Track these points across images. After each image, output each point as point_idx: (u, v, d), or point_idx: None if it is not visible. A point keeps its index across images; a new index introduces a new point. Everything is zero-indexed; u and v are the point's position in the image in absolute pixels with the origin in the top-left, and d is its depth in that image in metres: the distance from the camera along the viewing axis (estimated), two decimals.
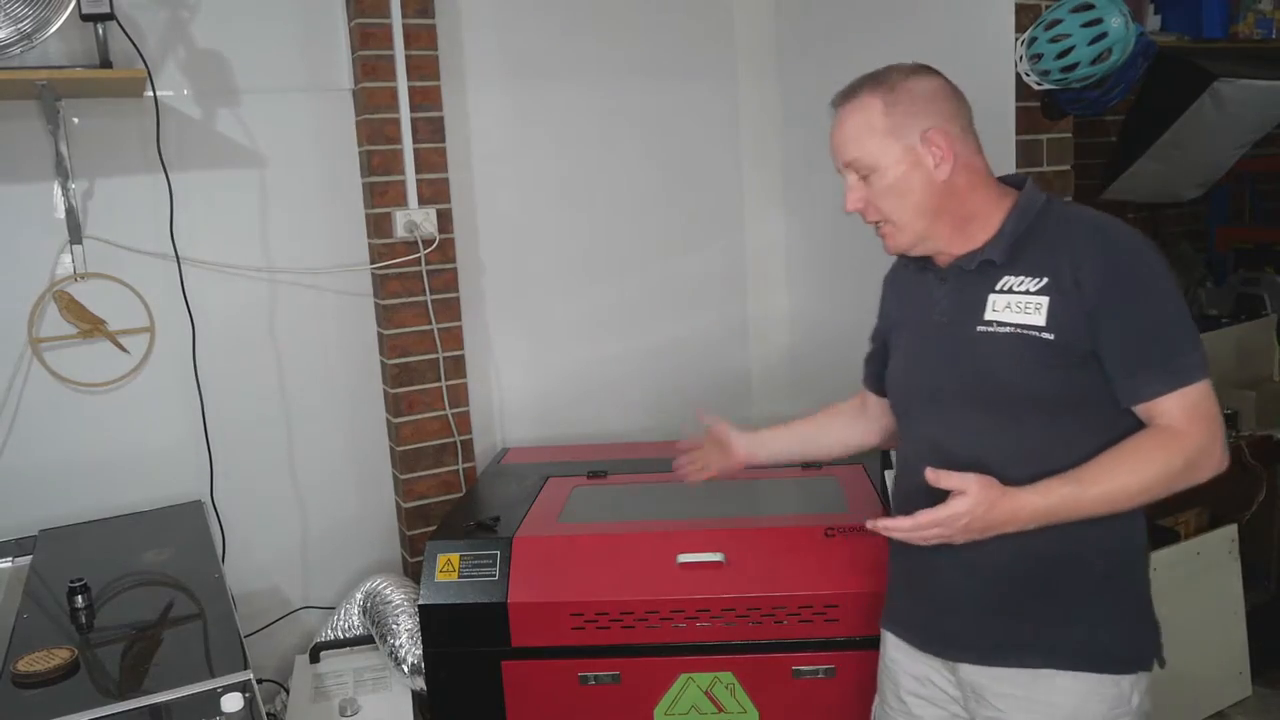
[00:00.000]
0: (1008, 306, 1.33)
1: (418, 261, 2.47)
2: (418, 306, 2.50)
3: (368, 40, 2.37)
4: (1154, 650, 1.39)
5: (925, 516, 1.27)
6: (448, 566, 1.94)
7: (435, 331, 2.52)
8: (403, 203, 2.45)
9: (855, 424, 1.71)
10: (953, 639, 1.43)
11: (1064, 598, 1.35)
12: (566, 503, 2.18)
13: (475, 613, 1.90)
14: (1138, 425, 1.30)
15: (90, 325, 2.22)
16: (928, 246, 1.41)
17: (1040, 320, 1.30)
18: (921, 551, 1.37)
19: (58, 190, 2.17)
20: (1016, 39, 2.11)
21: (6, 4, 1.89)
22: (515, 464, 2.52)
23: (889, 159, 1.36)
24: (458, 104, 2.56)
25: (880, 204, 1.39)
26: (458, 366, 2.58)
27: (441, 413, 2.55)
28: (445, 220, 2.51)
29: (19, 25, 1.91)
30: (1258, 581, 2.75)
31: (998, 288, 1.35)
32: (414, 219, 2.45)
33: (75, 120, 2.19)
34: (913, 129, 1.35)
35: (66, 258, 2.21)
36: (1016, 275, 1.34)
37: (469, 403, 2.60)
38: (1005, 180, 1.43)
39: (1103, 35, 1.92)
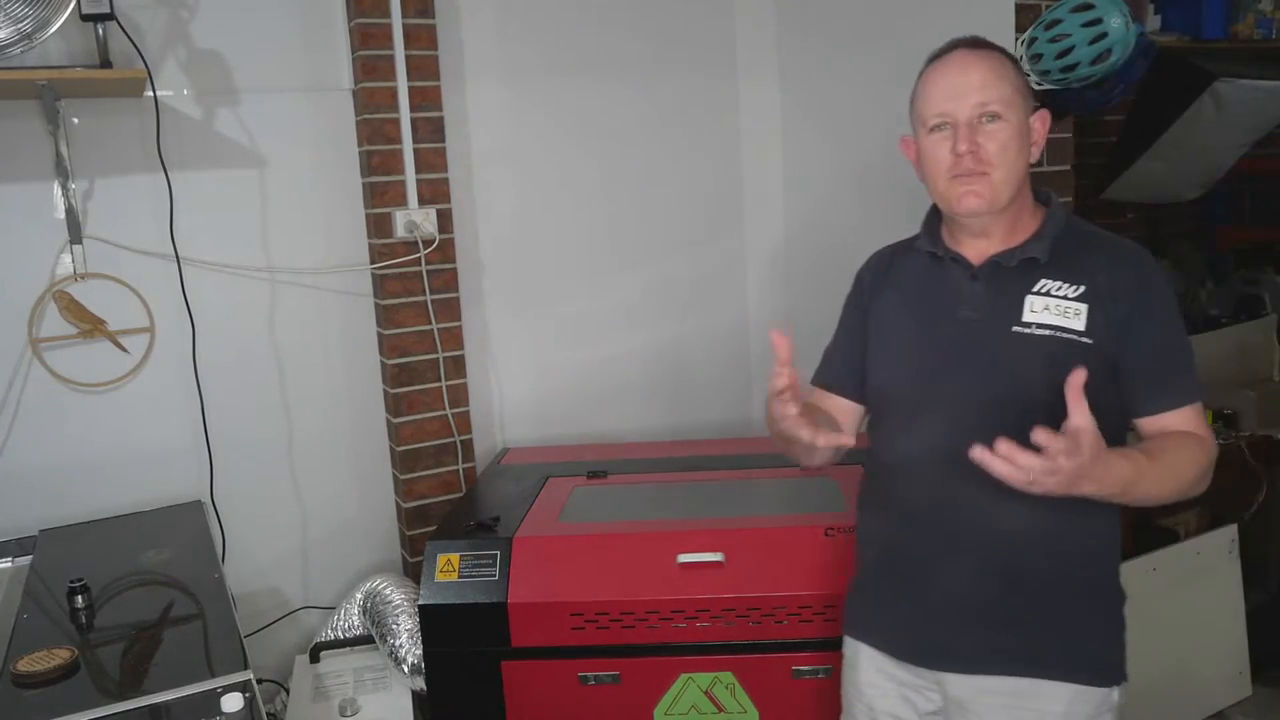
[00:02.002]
0: (1046, 309, 1.33)
1: (418, 261, 2.47)
2: (418, 306, 2.50)
3: (368, 40, 2.37)
4: (1123, 666, 1.40)
5: (1058, 440, 1.11)
6: (448, 566, 1.94)
7: (435, 331, 2.52)
8: (403, 203, 2.45)
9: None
10: (941, 648, 1.41)
11: (1054, 608, 1.35)
12: (566, 503, 2.18)
13: (475, 613, 1.90)
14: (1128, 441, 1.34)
15: (90, 325, 2.22)
16: (990, 222, 1.37)
17: (1080, 325, 1.31)
18: (915, 557, 1.37)
19: (58, 190, 2.17)
20: (1016, 39, 2.12)
21: (6, 4, 1.89)
22: (515, 464, 2.52)
23: (1018, 113, 1.33)
24: (458, 104, 2.56)
25: (993, 151, 1.32)
26: (458, 366, 2.58)
27: (441, 413, 2.55)
28: (445, 220, 2.51)
29: (19, 25, 1.91)
30: (1258, 581, 2.75)
31: (1036, 289, 1.34)
32: (414, 219, 2.45)
33: (75, 120, 2.19)
34: (1030, 101, 1.37)
35: (66, 258, 2.21)
36: (1055, 279, 1.34)
37: (469, 403, 2.60)
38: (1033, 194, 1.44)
39: (1103, 35, 1.92)
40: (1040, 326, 1.32)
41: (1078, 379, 1.14)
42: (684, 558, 1.89)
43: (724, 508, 2.15)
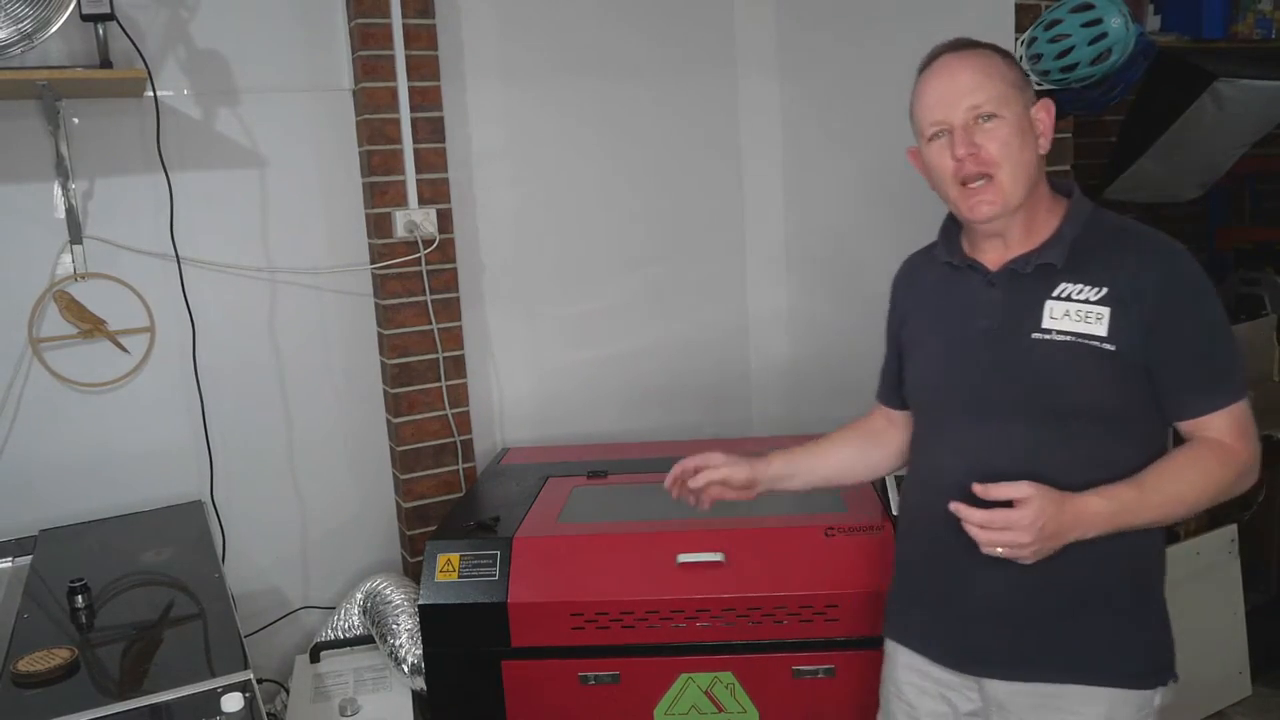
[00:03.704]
0: (1066, 314, 1.30)
1: (418, 261, 2.47)
2: (418, 306, 2.50)
3: (368, 40, 2.37)
4: (1172, 665, 1.39)
5: (998, 515, 1.23)
6: (448, 566, 1.94)
7: (435, 331, 2.52)
8: (403, 203, 2.45)
9: (888, 444, 1.61)
10: (980, 653, 1.40)
11: (1093, 612, 1.34)
12: (566, 503, 2.18)
13: (475, 613, 1.90)
14: (1173, 440, 1.31)
15: (90, 325, 2.22)
16: (1006, 224, 1.35)
17: (1102, 330, 1.28)
18: (952, 562, 1.34)
19: (58, 190, 2.17)
20: (1016, 39, 2.11)
21: (7, 4, 1.89)
22: (515, 464, 2.52)
23: (1014, 108, 1.31)
24: (458, 104, 2.56)
25: (994, 151, 1.30)
26: (458, 366, 2.58)
27: (441, 413, 2.55)
28: (445, 220, 2.51)
29: (19, 25, 1.91)
30: (1258, 581, 2.75)
31: (1055, 294, 1.31)
32: (414, 219, 2.45)
33: (75, 120, 2.19)
34: (1028, 93, 1.34)
35: (66, 258, 2.21)
36: (1075, 283, 1.31)
37: (469, 403, 2.60)
38: (1052, 185, 1.40)
39: (1103, 35, 1.92)
40: (1061, 333, 1.30)
41: (981, 489, 1.25)
42: (684, 558, 1.89)
43: (724, 508, 2.14)
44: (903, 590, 1.54)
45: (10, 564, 1.95)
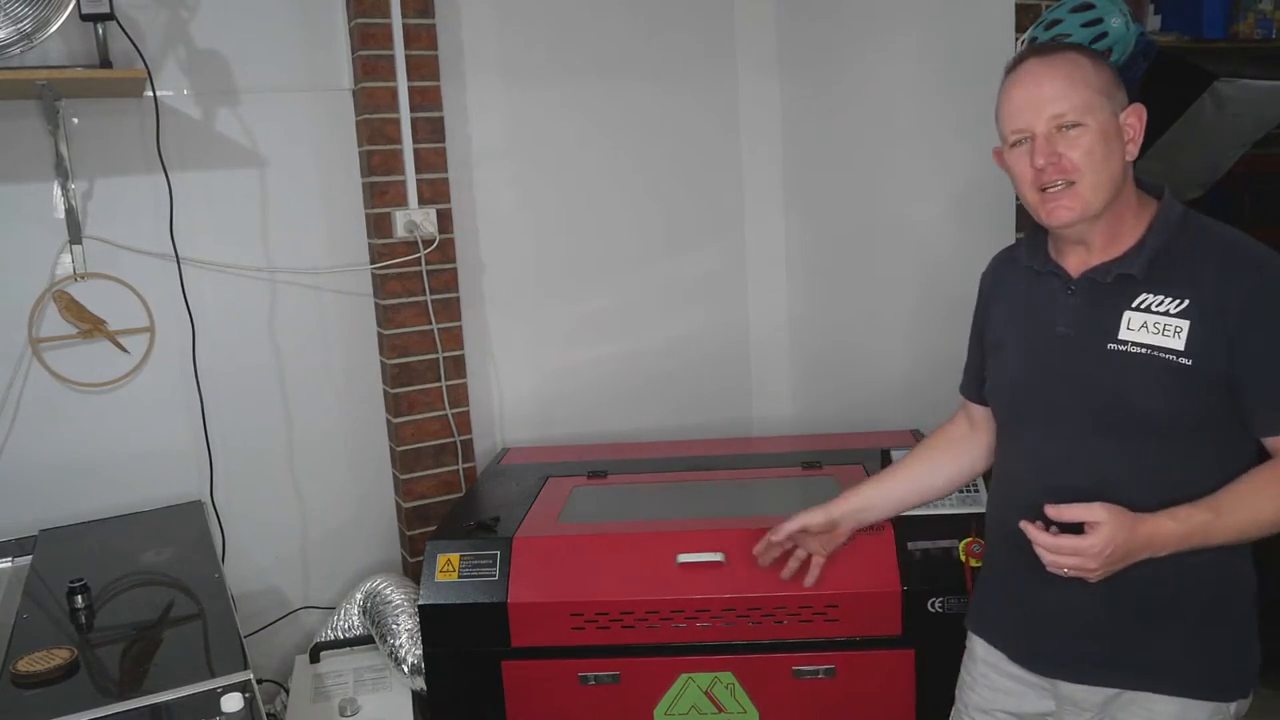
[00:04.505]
0: (1144, 326, 1.27)
1: (418, 261, 2.47)
2: (418, 306, 2.50)
3: (368, 40, 2.37)
4: (1255, 678, 1.35)
5: (1066, 542, 1.22)
6: (448, 566, 1.94)
7: (435, 331, 2.52)
8: (403, 203, 2.45)
9: (969, 450, 1.61)
10: (1050, 657, 1.40)
11: (1167, 623, 1.32)
12: (566, 503, 2.18)
13: (475, 613, 1.90)
14: (1262, 454, 1.27)
15: (90, 325, 2.22)
16: (1086, 230, 1.32)
17: (1179, 344, 1.24)
18: (1028, 567, 1.32)
19: (58, 190, 2.17)
20: (1016, 39, 2.12)
21: (6, 4, 1.89)
22: (515, 464, 2.52)
23: (1101, 115, 1.28)
24: (458, 104, 2.56)
25: (1076, 159, 1.27)
26: (458, 366, 2.58)
27: (441, 413, 2.55)
28: (445, 220, 2.51)
29: (19, 25, 1.91)
30: (1258, 581, 2.74)
31: (1134, 305, 1.28)
32: (414, 219, 2.45)
33: (75, 120, 2.19)
34: (1118, 98, 1.31)
35: (66, 258, 2.21)
36: (1156, 294, 1.28)
37: (469, 403, 2.60)
38: (1141, 186, 1.37)
39: (1103, 35, 1.91)
40: (1137, 345, 1.27)
41: (1054, 512, 1.24)
42: (684, 558, 1.89)
43: (724, 508, 2.15)
44: (985, 586, 1.55)
45: (10, 564, 1.95)
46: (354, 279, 2.52)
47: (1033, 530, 1.25)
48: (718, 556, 1.89)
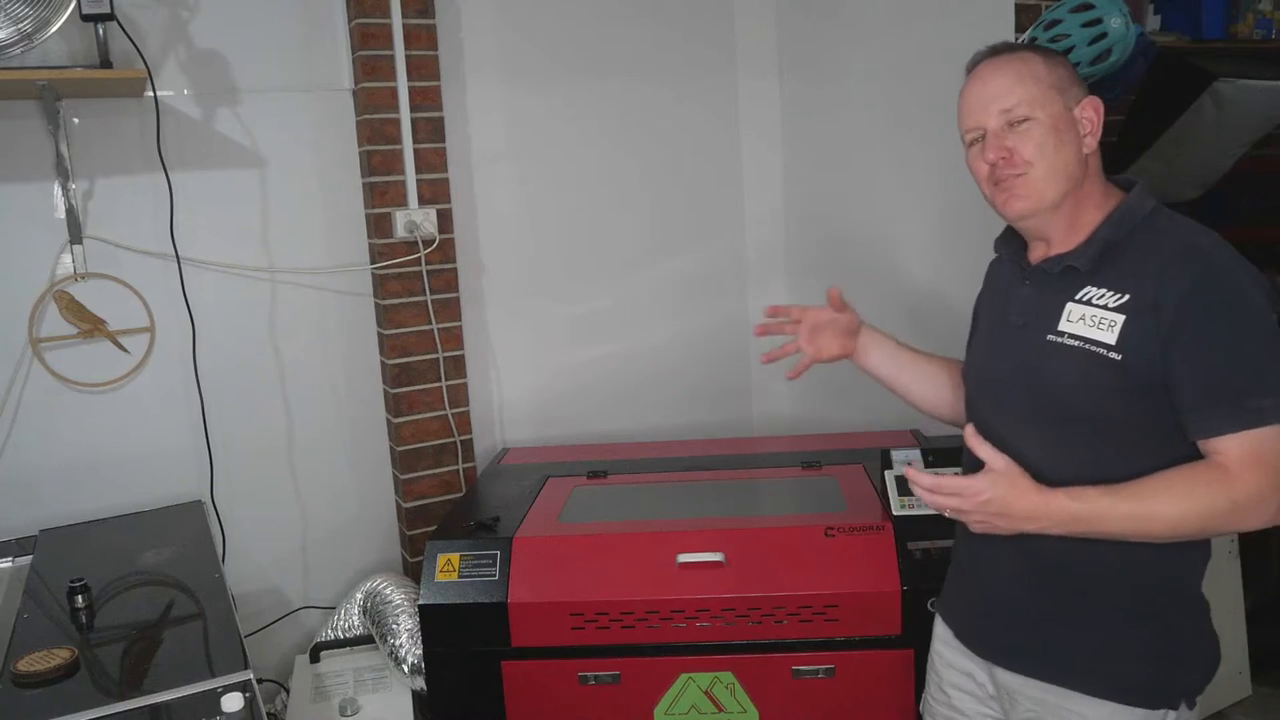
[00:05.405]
0: (1082, 319, 1.27)
1: (418, 261, 2.47)
2: (418, 306, 2.50)
3: (368, 40, 2.37)
4: (1189, 691, 1.31)
5: (947, 481, 1.25)
6: (448, 566, 1.94)
7: (435, 331, 2.52)
8: (403, 203, 2.45)
9: (948, 387, 1.60)
10: (988, 640, 1.43)
11: (1093, 618, 1.32)
12: (566, 503, 2.18)
13: (475, 613, 1.90)
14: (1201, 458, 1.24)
15: (90, 325, 2.22)
16: (1044, 222, 1.33)
17: (1111, 339, 1.24)
18: (971, 547, 1.37)
19: (58, 190, 2.18)
20: (1016, 39, 2.11)
21: (7, 4, 1.89)
22: (515, 464, 2.52)
23: (1051, 109, 1.29)
24: (458, 104, 2.56)
25: (1027, 153, 1.29)
26: (458, 366, 2.58)
27: (441, 413, 2.55)
28: (445, 220, 2.51)
29: (19, 25, 1.91)
30: (1258, 582, 2.74)
31: (1078, 297, 1.29)
32: (414, 219, 2.45)
33: (75, 120, 2.19)
34: (1072, 92, 1.32)
35: (66, 258, 2.21)
36: (1099, 287, 1.28)
37: (469, 403, 2.60)
38: (1115, 181, 1.37)
39: (1103, 35, 1.92)
40: (1072, 337, 1.28)
41: (971, 436, 1.28)
42: (684, 558, 1.89)
43: (724, 508, 2.15)
44: (950, 570, 1.58)
45: (10, 564, 1.95)
46: (354, 279, 2.52)
47: (912, 471, 1.28)
48: (718, 556, 1.89)
